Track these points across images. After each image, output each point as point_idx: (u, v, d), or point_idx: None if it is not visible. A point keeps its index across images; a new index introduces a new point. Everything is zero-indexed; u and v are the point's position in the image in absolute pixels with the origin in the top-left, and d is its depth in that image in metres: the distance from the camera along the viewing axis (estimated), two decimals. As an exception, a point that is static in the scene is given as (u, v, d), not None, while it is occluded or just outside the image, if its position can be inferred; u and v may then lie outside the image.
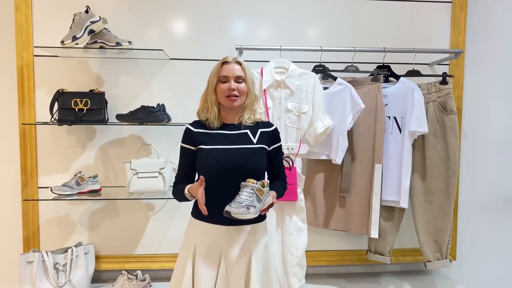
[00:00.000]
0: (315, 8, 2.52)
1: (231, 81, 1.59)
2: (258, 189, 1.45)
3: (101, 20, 2.19)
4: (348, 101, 2.20)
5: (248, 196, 1.42)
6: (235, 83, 1.59)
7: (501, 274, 2.75)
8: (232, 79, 1.60)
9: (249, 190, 1.44)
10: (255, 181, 1.46)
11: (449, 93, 2.31)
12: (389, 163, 2.31)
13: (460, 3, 2.55)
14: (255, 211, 1.40)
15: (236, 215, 1.37)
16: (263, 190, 1.47)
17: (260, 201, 1.45)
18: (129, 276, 2.29)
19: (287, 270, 2.16)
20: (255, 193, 1.44)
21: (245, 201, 1.41)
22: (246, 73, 1.63)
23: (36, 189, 2.40)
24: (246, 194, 1.43)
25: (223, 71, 1.61)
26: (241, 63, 1.63)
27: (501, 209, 2.70)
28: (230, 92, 1.59)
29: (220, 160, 1.57)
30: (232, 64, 1.62)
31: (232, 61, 1.62)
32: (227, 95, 1.59)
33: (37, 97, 2.37)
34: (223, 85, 1.60)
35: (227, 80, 1.60)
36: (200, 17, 2.46)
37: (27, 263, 2.17)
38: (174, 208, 2.50)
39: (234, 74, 1.60)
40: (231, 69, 1.61)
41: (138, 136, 2.46)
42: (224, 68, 1.61)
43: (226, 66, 1.61)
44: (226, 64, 1.62)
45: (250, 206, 1.40)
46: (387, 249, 2.41)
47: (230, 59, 1.63)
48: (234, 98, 1.60)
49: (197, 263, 1.60)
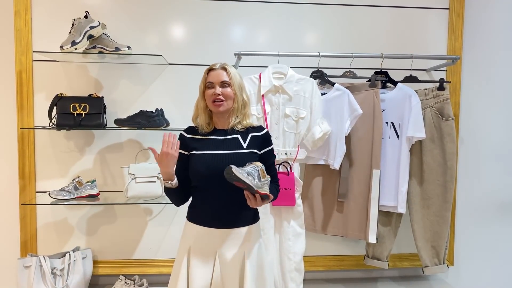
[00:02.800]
0: (313, 14, 2.54)
1: (216, 87, 1.63)
2: (262, 169, 1.52)
3: (100, 25, 2.20)
4: (345, 106, 2.21)
5: (251, 170, 1.48)
6: (220, 88, 1.63)
7: (498, 279, 2.75)
8: (217, 84, 1.64)
9: (254, 167, 1.51)
10: (260, 163, 1.54)
11: (446, 99, 2.33)
12: (387, 168, 2.32)
13: (457, 10, 2.58)
14: (254, 183, 1.45)
15: (236, 171, 1.42)
16: (265, 174, 1.53)
17: (260, 181, 1.50)
18: (126, 281, 2.29)
19: (285, 275, 2.16)
20: (258, 171, 1.50)
21: (248, 171, 1.47)
22: (232, 78, 1.66)
23: (34, 193, 2.40)
24: (250, 168, 1.49)
25: (209, 77, 1.66)
26: (226, 68, 1.66)
27: (498, 214, 2.71)
28: (215, 97, 1.63)
29: (208, 165, 1.60)
30: (218, 70, 1.66)
31: (218, 68, 1.66)
32: (213, 100, 1.63)
33: (36, 101, 2.38)
34: (209, 90, 1.65)
35: (213, 85, 1.64)
36: (199, 22, 2.47)
37: (25, 267, 2.16)
38: (172, 213, 2.50)
39: (219, 79, 1.64)
40: (216, 74, 1.65)
41: (137, 140, 2.46)
42: (210, 75, 1.66)
43: (212, 73, 1.66)
44: (212, 71, 1.66)
45: (251, 176, 1.46)
46: (385, 254, 2.42)
47: (217, 66, 1.67)
48: (220, 103, 1.63)
49: (191, 265, 1.62)
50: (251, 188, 1.46)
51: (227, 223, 1.63)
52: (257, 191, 1.48)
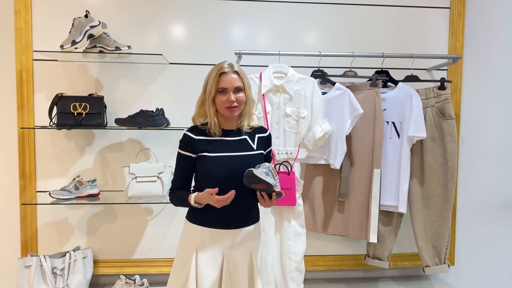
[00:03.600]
0: (314, 14, 2.53)
1: (230, 93, 1.58)
2: (273, 169, 1.56)
3: (101, 24, 2.19)
4: (346, 106, 2.20)
5: (266, 170, 1.52)
6: (234, 94, 1.58)
7: (499, 279, 2.74)
8: (231, 90, 1.58)
9: (266, 167, 1.54)
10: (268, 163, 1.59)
11: (447, 99, 2.32)
12: (388, 168, 2.31)
13: (458, 9, 2.57)
14: (272, 181, 1.50)
15: (258, 174, 1.46)
16: (276, 173, 1.58)
17: (275, 180, 1.54)
18: (127, 280, 2.29)
19: (286, 274, 2.15)
20: (271, 170, 1.54)
21: (264, 171, 1.51)
22: (244, 81, 1.62)
23: (35, 193, 2.40)
24: (263, 169, 1.52)
25: (221, 83, 1.57)
26: (238, 72, 1.60)
27: (499, 214, 2.70)
28: (230, 104, 1.58)
29: (225, 167, 1.58)
30: (230, 74, 1.58)
31: (229, 71, 1.58)
32: (227, 106, 1.59)
33: (36, 101, 2.37)
34: (222, 96, 1.58)
35: (226, 91, 1.58)
36: (200, 21, 2.47)
37: (25, 267, 2.16)
38: (173, 212, 2.50)
39: (233, 85, 1.58)
40: (229, 80, 1.57)
41: (137, 140, 2.46)
42: (222, 80, 1.57)
43: (225, 78, 1.57)
44: (224, 76, 1.58)
45: (269, 176, 1.50)
46: (386, 254, 2.41)
47: (227, 69, 1.58)
48: (234, 109, 1.60)
49: (199, 266, 1.61)
50: (271, 188, 1.50)
51: (238, 224, 1.64)
52: (275, 190, 1.52)
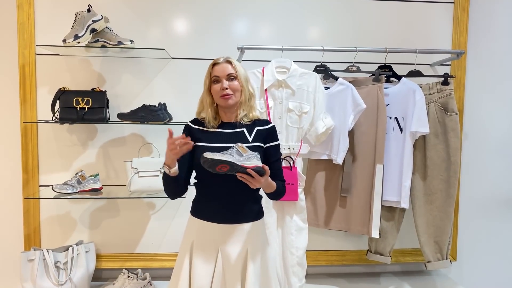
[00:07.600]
0: (317, 8, 2.52)
1: (223, 80, 1.62)
2: (240, 147, 1.50)
3: (103, 19, 2.19)
4: (349, 101, 2.20)
5: (228, 150, 1.47)
6: (226, 81, 1.62)
7: (501, 274, 2.74)
8: (223, 78, 1.62)
9: (231, 146, 1.50)
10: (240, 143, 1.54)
11: (451, 94, 2.31)
12: (390, 163, 2.31)
13: (462, 4, 2.55)
14: (233, 159, 1.43)
15: (209, 155, 1.41)
16: (246, 149, 1.50)
17: (242, 156, 1.47)
18: (129, 274, 2.30)
19: (287, 269, 2.16)
20: (236, 148, 1.48)
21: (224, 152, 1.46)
22: (237, 70, 1.64)
23: (37, 187, 2.40)
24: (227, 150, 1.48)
25: (214, 72, 1.64)
26: (231, 62, 1.65)
27: (501, 210, 2.70)
28: (224, 92, 1.61)
29: None
30: (223, 64, 1.64)
31: (222, 62, 1.64)
32: (221, 94, 1.62)
33: (39, 95, 2.38)
34: (216, 85, 1.63)
35: (219, 80, 1.63)
36: (202, 16, 2.46)
37: (28, 261, 2.17)
38: (175, 207, 2.50)
39: (225, 73, 1.62)
40: (221, 68, 1.63)
41: (140, 135, 2.46)
42: (215, 69, 1.64)
43: (217, 67, 1.64)
44: (217, 65, 1.64)
45: (227, 154, 1.44)
46: (388, 249, 2.41)
47: (221, 60, 1.65)
48: (228, 96, 1.62)
49: (194, 260, 1.62)
50: (236, 165, 1.42)
51: (230, 219, 1.62)
52: (243, 166, 1.44)
